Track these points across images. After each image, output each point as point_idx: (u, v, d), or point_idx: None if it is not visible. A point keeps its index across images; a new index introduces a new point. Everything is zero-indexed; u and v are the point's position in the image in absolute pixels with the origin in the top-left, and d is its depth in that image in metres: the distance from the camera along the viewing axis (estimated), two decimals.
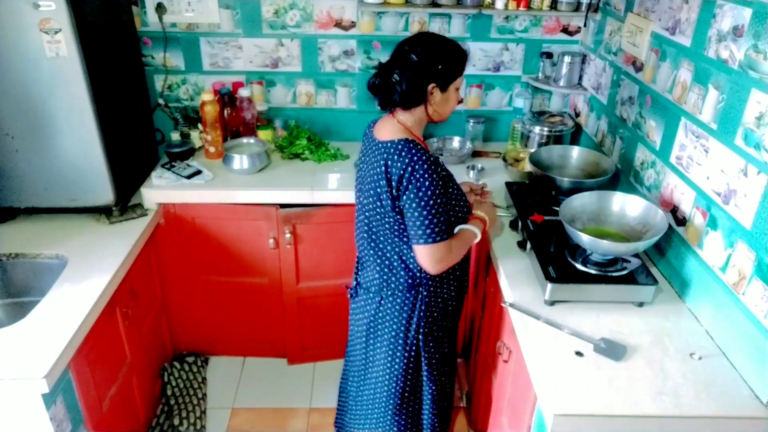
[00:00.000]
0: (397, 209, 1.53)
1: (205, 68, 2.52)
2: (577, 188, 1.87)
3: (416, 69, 1.48)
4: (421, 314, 1.68)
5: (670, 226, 1.66)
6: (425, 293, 1.67)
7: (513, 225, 1.93)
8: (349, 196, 2.21)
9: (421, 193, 1.46)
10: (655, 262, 1.77)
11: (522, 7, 2.33)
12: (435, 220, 1.49)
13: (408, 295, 1.67)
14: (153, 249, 2.23)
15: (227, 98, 2.45)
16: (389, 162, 1.49)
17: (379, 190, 1.53)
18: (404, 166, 1.46)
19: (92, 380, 1.70)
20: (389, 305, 1.69)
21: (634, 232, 1.68)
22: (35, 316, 1.59)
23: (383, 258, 1.66)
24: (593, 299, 1.58)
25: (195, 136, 2.49)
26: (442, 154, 2.50)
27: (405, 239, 1.60)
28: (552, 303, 1.57)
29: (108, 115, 1.97)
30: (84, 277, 1.75)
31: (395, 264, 1.65)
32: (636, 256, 1.58)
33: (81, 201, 2.03)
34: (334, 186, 2.25)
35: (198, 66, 2.52)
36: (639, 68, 1.94)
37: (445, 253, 1.54)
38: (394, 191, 1.50)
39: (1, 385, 1.40)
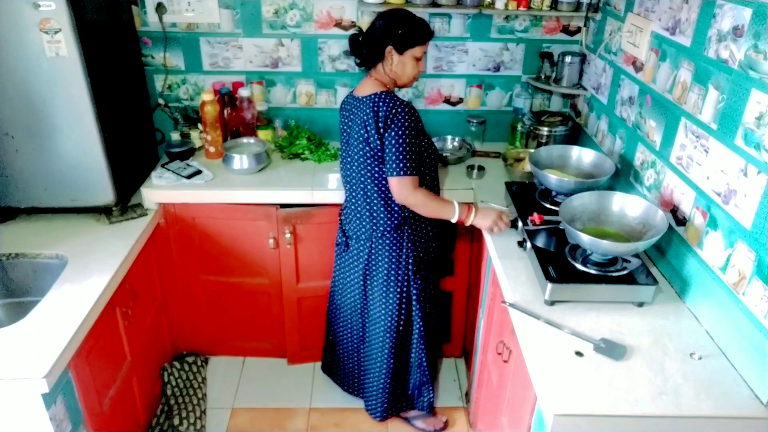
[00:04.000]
0: (383, 147, 1.81)
1: (205, 68, 2.52)
2: (577, 188, 1.87)
3: (378, 31, 1.80)
4: (409, 252, 1.98)
5: (670, 226, 1.66)
6: (410, 231, 1.96)
7: (513, 225, 1.93)
8: None
9: (401, 131, 1.77)
10: (655, 262, 1.77)
11: (522, 7, 2.33)
12: (407, 156, 1.78)
13: (395, 234, 1.96)
14: (153, 249, 2.23)
15: (227, 98, 2.45)
16: (375, 108, 1.79)
17: (367, 134, 1.81)
18: (389, 109, 1.78)
19: (92, 380, 1.70)
20: (380, 247, 1.98)
21: (634, 232, 1.68)
22: (35, 316, 1.59)
23: (371, 205, 1.93)
24: (593, 299, 1.58)
25: (195, 136, 2.49)
26: (442, 154, 2.50)
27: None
28: (552, 303, 1.57)
29: (108, 115, 1.97)
30: (84, 277, 1.75)
31: (381, 209, 1.92)
32: (636, 256, 1.58)
33: (81, 201, 2.03)
34: (334, 186, 2.25)
35: (198, 66, 2.52)
36: (639, 68, 1.94)
37: (411, 186, 1.81)
38: (381, 130, 1.79)
39: (1, 385, 1.40)
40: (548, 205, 1.98)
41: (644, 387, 1.31)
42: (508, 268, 1.73)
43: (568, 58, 2.41)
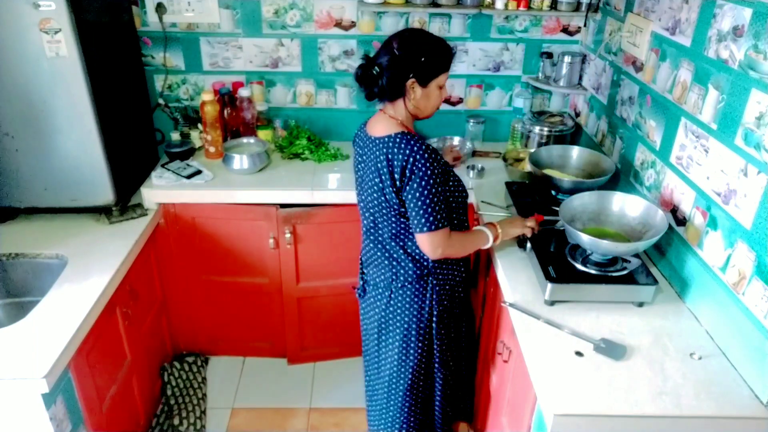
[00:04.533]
0: (400, 201, 1.56)
1: (205, 68, 2.52)
2: (577, 188, 1.87)
3: (396, 62, 1.51)
4: (434, 303, 1.71)
5: (670, 226, 1.66)
6: (435, 282, 1.70)
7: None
8: (349, 196, 2.21)
9: (423, 182, 1.50)
10: (655, 262, 1.77)
11: (522, 7, 2.33)
12: (435, 208, 1.53)
13: (417, 286, 1.70)
14: (153, 249, 2.23)
15: (227, 98, 2.45)
16: (390, 155, 1.52)
17: (381, 185, 1.56)
18: (406, 158, 1.50)
19: (92, 380, 1.70)
20: (399, 298, 1.72)
21: (634, 232, 1.68)
22: (35, 316, 1.59)
23: (390, 253, 1.69)
24: (593, 299, 1.58)
25: (195, 136, 2.49)
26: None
27: (410, 232, 1.63)
28: (552, 303, 1.57)
29: (108, 115, 1.97)
30: (84, 277, 1.75)
31: (402, 257, 1.68)
32: (636, 256, 1.58)
33: (81, 201, 2.03)
34: (334, 186, 2.25)
35: (198, 66, 2.52)
36: (639, 68, 1.94)
37: (443, 239, 1.57)
38: (397, 183, 1.53)
39: (1, 385, 1.40)
40: (548, 205, 1.98)
41: (644, 387, 1.31)
42: (508, 268, 1.73)
43: (568, 58, 2.41)
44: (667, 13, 1.76)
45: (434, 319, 1.73)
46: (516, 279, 1.68)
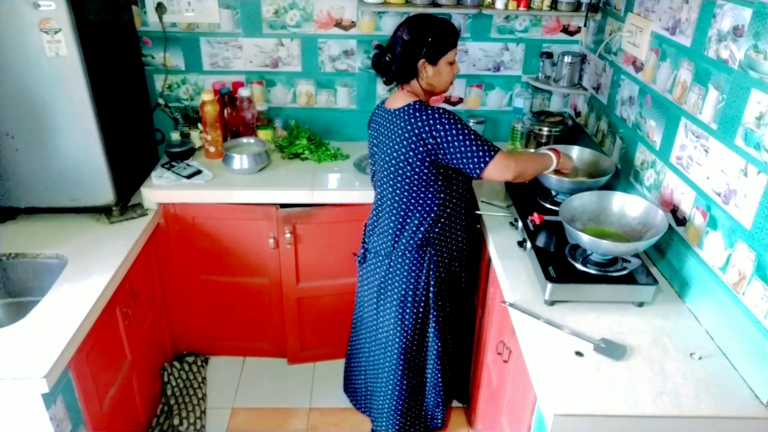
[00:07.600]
0: (428, 162, 1.68)
1: (205, 68, 2.52)
2: (577, 188, 1.87)
3: (405, 47, 1.68)
4: (430, 272, 1.85)
5: (670, 226, 1.66)
6: (433, 251, 1.83)
7: (513, 225, 1.93)
8: (349, 196, 2.22)
9: (456, 130, 1.63)
10: (655, 262, 1.77)
11: (522, 7, 2.33)
12: (480, 139, 1.65)
13: (417, 255, 1.83)
14: (153, 249, 2.23)
15: (227, 98, 2.45)
16: (411, 122, 1.66)
17: (404, 149, 1.68)
18: (428, 119, 1.64)
19: (92, 380, 1.70)
20: (398, 266, 1.86)
21: (634, 232, 1.68)
22: (35, 316, 1.59)
23: (397, 222, 1.81)
24: (593, 299, 1.58)
25: (195, 136, 2.49)
26: None
27: (430, 194, 1.75)
28: (552, 303, 1.57)
29: (108, 115, 1.97)
30: (84, 277, 1.75)
31: (407, 227, 1.80)
32: (636, 256, 1.58)
33: (81, 201, 2.03)
34: (334, 186, 2.25)
35: (198, 66, 2.52)
36: (639, 68, 1.94)
37: (505, 158, 1.68)
38: (429, 145, 1.65)
39: (1, 385, 1.40)
40: (548, 205, 1.98)
41: (644, 387, 1.31)
42: (508, 268, 1.73)
43: (568, 58, 2.41)
44: (667, 13, 1.76)
45: (431, 288, 1.86)
46: (516, 279, 1.68)
